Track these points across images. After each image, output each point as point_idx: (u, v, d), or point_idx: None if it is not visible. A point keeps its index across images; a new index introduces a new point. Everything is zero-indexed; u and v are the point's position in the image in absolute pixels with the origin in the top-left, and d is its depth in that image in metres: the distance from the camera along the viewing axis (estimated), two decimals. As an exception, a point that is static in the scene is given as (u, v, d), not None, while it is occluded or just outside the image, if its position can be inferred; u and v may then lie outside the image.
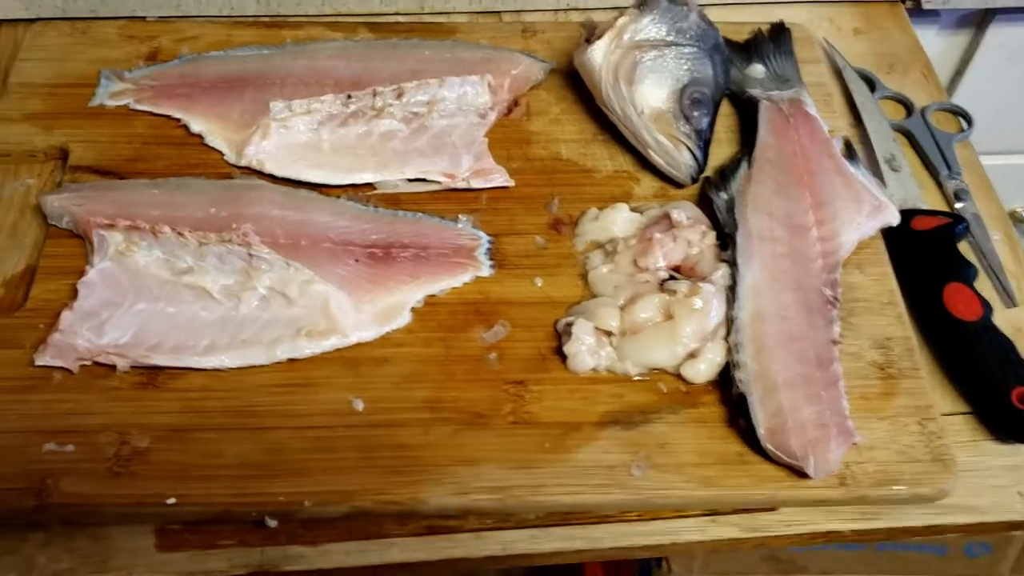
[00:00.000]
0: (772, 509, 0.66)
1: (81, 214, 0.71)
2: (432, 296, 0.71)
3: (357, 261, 0.71)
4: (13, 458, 0.63)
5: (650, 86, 0.77)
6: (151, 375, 0.67)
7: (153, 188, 0.74)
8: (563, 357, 0.68)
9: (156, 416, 0.65)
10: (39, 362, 0.65)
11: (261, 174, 0.77)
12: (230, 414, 0.65)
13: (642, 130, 0.77)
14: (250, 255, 0.69)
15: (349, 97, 0.80)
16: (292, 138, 0.78)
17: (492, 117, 0.81)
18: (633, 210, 0.75)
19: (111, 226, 0.70)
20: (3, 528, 0.63)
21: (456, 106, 0.80)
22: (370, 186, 0.77)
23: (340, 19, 0.92)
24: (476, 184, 0.77)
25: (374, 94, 0.80)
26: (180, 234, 0.70)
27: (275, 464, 0.63)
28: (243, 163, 0.77)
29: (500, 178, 0.77)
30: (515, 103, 0.83)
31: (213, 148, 0.79)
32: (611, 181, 0.79)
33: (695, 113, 0.76)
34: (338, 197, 0.76)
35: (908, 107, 0.88)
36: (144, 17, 0.91)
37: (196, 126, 0.80)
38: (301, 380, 0.67)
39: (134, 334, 0.67)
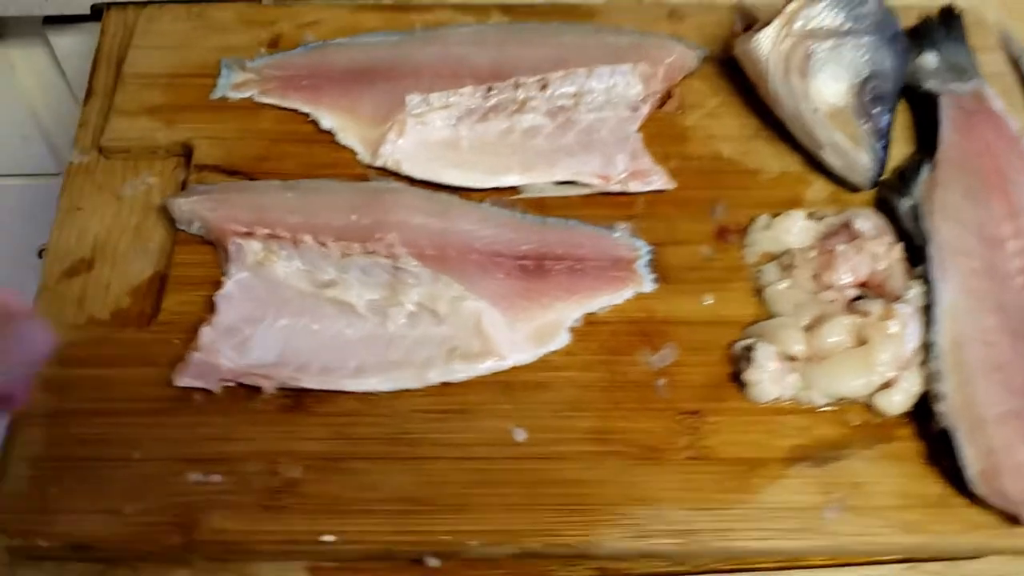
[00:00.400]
0: (976, 556, 0.60)
1: (216, 221, 0.66)
2: (591, 314, 0.66)
3: (508, 275, 0.66)
4: (157, 489, 0.59)
5: (826, 80, 0.70)
6: (297, 397, 0.62)
7: (287, 191, 0.69)
8: (741, 384, 0.62)
9: (306, 443, 0.60)
10: (179, 383, 0.61)
11: (397, 175, 0.72)
12: (383, 441, 0.61)
13: (817, 128, 0.70)
14: (396, 268, 0.64)
15: (490, 89, 0.73)
16: (429, 135, 0.73)
17: (644, 110, 0.74)
18: (809, 217, 0.69)
19: (249, 234, 0.65)
20: (143, 563, 0.59)
21: (605, 98, 0.74)
22: (514, 189, 0.71)
23: (471, 1, 0.85)
24: (633, 187, 0.71)
25: (516, 86, 0.74)
26: (322, 244, 0.65)
27: (436, 498, 0.59)
28: (378, 163, 0.72)
29: (660, 180, 0.71)
30: (668, 95, 0.76)
31: (345, 146, 0.74)
32: (778, 184, 0.72)
33: (876, 110, 0.70)
34: (480, 201, 0.70)
35: (1097, 99, 0.80)
36: (261, 0, 0.85)
37: (326, 122, 0.74)
38: (456, 406, 0.62)
39: (280, 353, 0.62)
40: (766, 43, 0.71)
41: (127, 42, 0.81)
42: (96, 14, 0.86)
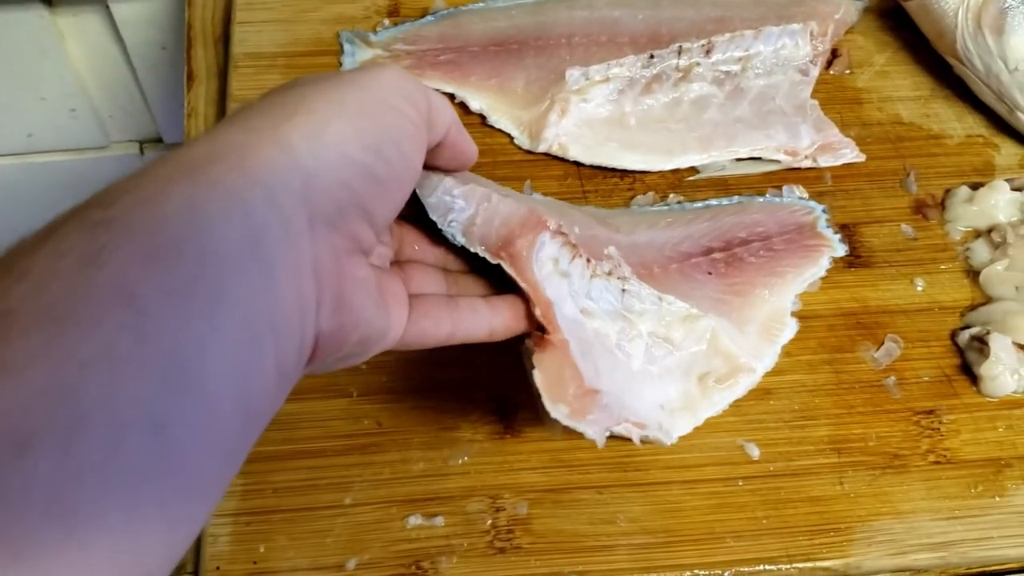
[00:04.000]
0: None
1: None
2: (802, 307, 0.61)
3: (710, 274, 0.60)
4: (377, 537, 0.54)
5: (1025, 37, 0.65)
6: (507, 422, 0.57)
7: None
8: (972, 377, 0.59)
9: (525, 474, 0.56)
10: (590, 432, 0.48)
11: (563, 161, 0.66)
12: (607, 467, 0.56)
13: (1013, 89, 0.65)
14: (623, 291, 0.54)
15: (651, 57, 0.67)
16: (593, 113, 0.67)
17: (815, 72, 0.69)
18: (1013, 188, 0.64)
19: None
20: (367, 615, 0.55)
21: (774, 61, 0.68)
22: (691, 170, 0.66)
23: (597, -50, 0.78)
24: (823, 162, 0.66)
25: (679, 52, 0.67)
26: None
27: (677, 529, 0.55)
28: (541, 148, 0.66)
29: (851, 153, 0.66)
30: (835, 53, 0.71)
31: (498, 130, 0.67)
32: (966, 149, 0.68)
33: (1078, 68, 0.65)
34: (632, 192, 0.65)
35: None
36: (361, -43, 0.77)
37: (474, 103, 0.67)
38: (680, 422, 0.58)
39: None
40: (953, -3, 0.66)
41: (225, 16, 0.73)
42: (169, -21, 0.77)
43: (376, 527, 0.54)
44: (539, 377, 0.46)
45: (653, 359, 0.55)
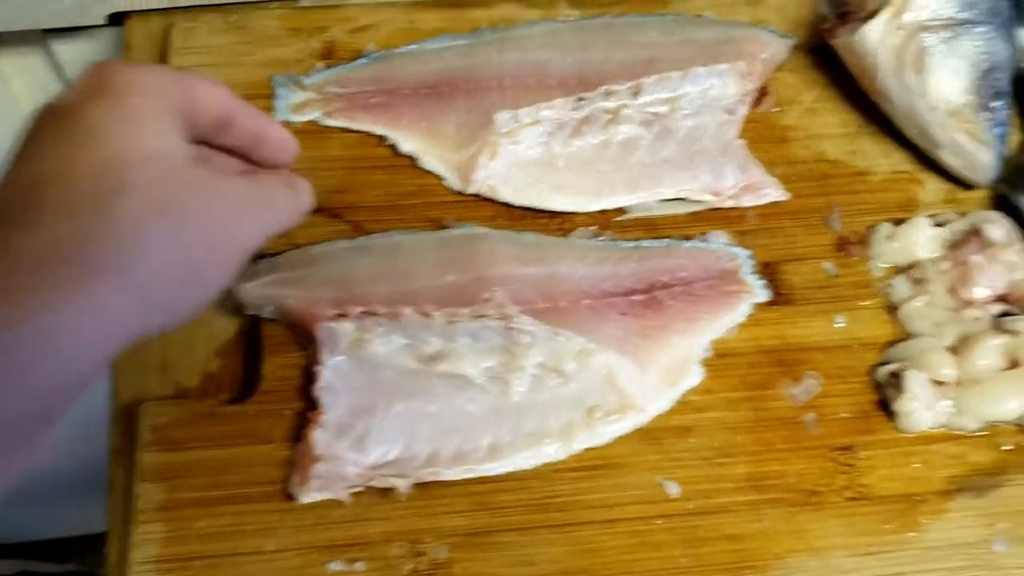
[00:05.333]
0: None
1: (298, 305, 0.60)
2: (722, 343, 0.62)
3: (624, 314, 0.62)
4: (298, 584, 0.54)
5: (945, 75, 0.66)
6: (430, 467, 0.58)
7: (363, 255, 0.62)
8: (888, 413, 0.60)
9: (447, 518, 0.57)
10: (304, 499, 0.56)
11: (493, 202, 0.67)
12: (529, 509, 0.57)
13: (935, 127, 0.66)
14: (508, 328, 0.59)
15: (580, 100, 0.68)
16: (522, 155, 0.68)
17: (742, 112, 0.70)
18: (933, 223, 0.66)
19: (342, 315, 0.59)
20: (291, 659, 0.56)
21: (701, 102, 0.69)
22: (619, 210, 0.67)
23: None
24: (747, 201, 0.67)
25: (607, 94, 0.68)
26: (425, 314, 0.59)
27: (595, 569, 0.56)
28: (471, 190, 0.67)
29: (774, 192, 0.67)
30: (762, 92, 0.72)
31: (429, 171, 0.68)
32: (891, 185, 0.69)
33: (996, 104, 0.66)
34: (565, 233, 0.66)
35: None
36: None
37: (406, 145, 0.68)
38: (600, 461, 0.59)
39: (404, 445, 0.57)
40: (874, 36, 0.67)
41: (159, 59, 0.73)
42: (113, 21, 0.78)
43: (297, 572, 0.55)
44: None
45: (541, 389, 0.58)
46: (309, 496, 0.56)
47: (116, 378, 0.62)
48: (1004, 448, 0.60)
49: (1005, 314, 0.62)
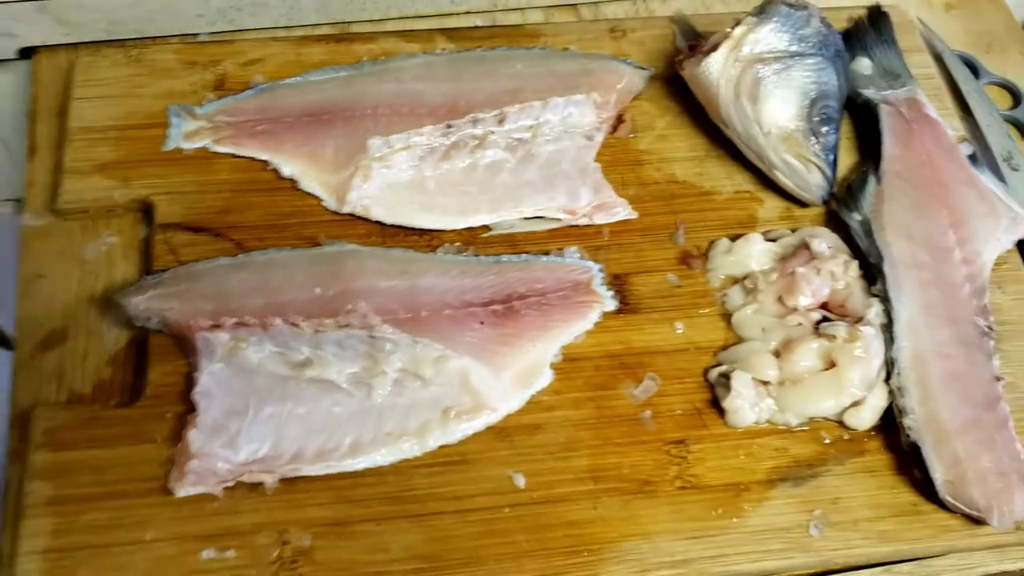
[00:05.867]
0: (942, 555, 0.65)
1: (177, 318, 0.65)
2: (571, 348, 0.68)
3: (482, 323, 0.67)
4: (174, 569, 0.60)
5: (777, 103, 0.73)
6: (297, 464, 0.63)
7: (241, 271, 0.68)
8: (719, 410, 0.66)
9: (312, 509, 0.62)
10: (180, 493, 0.61)
11: (367, 221, 0.73)
12: (387, 501, 0.63)
13: (769, 151, 0.73)
14: (372, 336, 0.65)
15: (449, 126, 0.74)
16: (394, 177, 0.73)
17: (599, 138, 0.76)
18: (767, 239, 0.72)
19: (216, 326, 0.65)
20: (166, 641, 0.61)
21: (561, 128, 0.76)
22: (484, 227, 0.73)
23: (410, 25, 0.85)
24: (599, 220, 0.73)
25: (474, 121, 0.74)
26: (293, 324, 0.65)
27: (444, 555, 0.61)
28: (346, 210, 0.72)
29: (624, 211, 0.73)
30: (619, 119, 0.78)
31: (309, 193, 0.74)
32: (733, 204, 0.76)
33: (824, 129, 0.73)
34: (433, 250, 0.72)
35: (1015, 94, 0.85)
36: (197, 35, 0.84)
37: (287, 169, 0.74)
38: (455, 457, 0.64)
39: (272, 444, 0.62)
40: (715, 68, 0.74)
41: (65, 91, 0.79)
42: (24, 55, 0.83)
43: (173, 560, 0.60)
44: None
45: (402, 392, 0.64)
46: (184, 490, 0.61)
47: (14, 387, 0.66)
48: (825, 442, 0.66)
49: (825, 320, 0.68)
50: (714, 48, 0.74)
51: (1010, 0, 0.91)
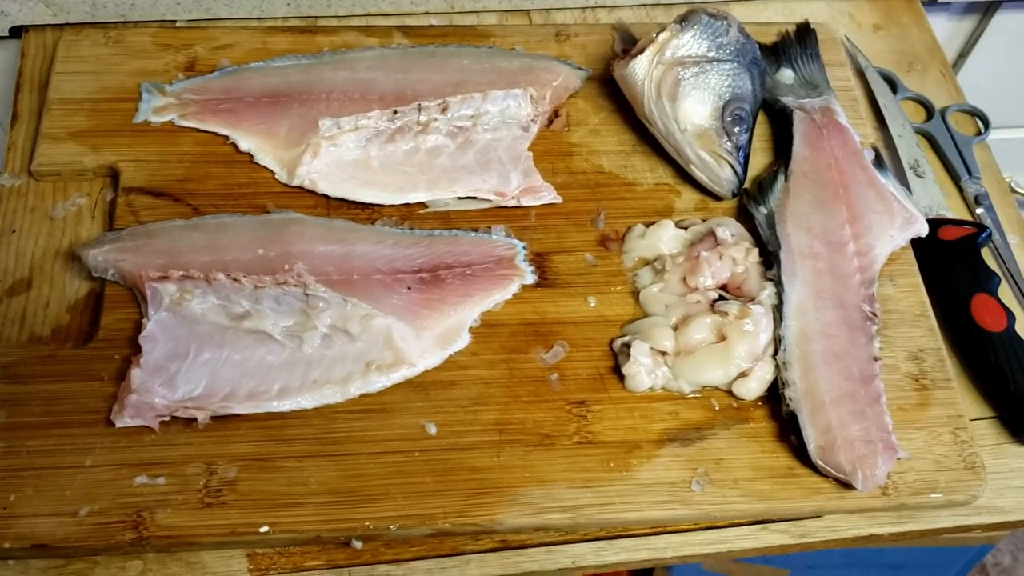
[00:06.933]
0: (818, 516, 0.71)
1: (130, 269, 0.72)
2: (490, 315, 0.74)
3: (409, 289, 0.73)
4: (108, 491, 0.66)
5: (693, 103, 0.79)
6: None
7: (193, 231, 0.75)
8: (620, 376, 0.72)
9: (239, 446, 0.68)
10: (119, 424, 0.67)
11: (314, 194, 0.79)
12: (309, 441, 0.69)
13: (685, 147, 0.79)
14: (306, 295, 0.71)
15: (395, 112, 0.81)
16: (341, 156, 0.80)
17: (534, 129, 0.83)
18: (678, 226, 0.78)
19: (164, 277, 0.71)
20: (100, 557, 0.66)
21: (500, 119, 0.82)
22: (421, 204, 0.79)
23: (372, 22, 0.92)
24: (526, 202, 0.79)
25: (419, 108, 0.81)
26: (234, 279, 0.71)
27: (358, 490, 0.67)
28: (295, 183, 0.79)
29: (549, 195, 0.79)
30: (555, 114, 0.85)
31: (263, 166, 0.80)
32: (653, 194, 0.82)
33: (736, 129, 0.79)
34: (372, 222, 0.78)
35: (929, 109, 0.91)
36: (174, 22, 0.91)
37: (244, 144, 0.81)
38: (374, 406, 0.70)
39: (206, 385, 0.68)
40: (640, 69, 0.80)
41: (49, 66, 0.86)
42: (14, 33, 0.91)
43: (108, 484, 0.66)
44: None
45: (330, 345, 0.70)
46: (123, 422, 0.67)
47: (-20, 328, 0.73)
48: (715, 409, 0.72)
49: (722, 299, 0.74)
50: (641, 52, 0.81)
51: (933, 23, 0.98)
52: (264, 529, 0.65)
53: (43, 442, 0.67)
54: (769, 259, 0.76)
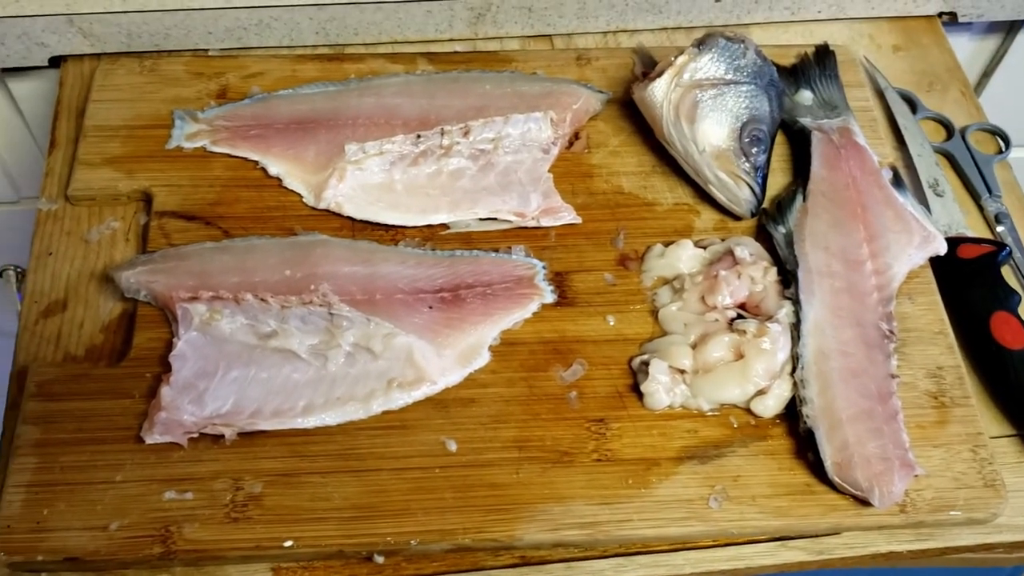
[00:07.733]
0: (836, 533, 0.71)
1: (161, 290, 0.74)
2: (509, 334, 0.76)
3: (431, 308, 0.75)
4: (138, 506, 0.68)
5: (711, 125, 0.80)
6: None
7: (223, 253, 0.77)
8: (639, 394, 0.73)
9: (265, 462, 0.70)
10: (149, 440, 0.69)
11: (340, 216, 0.81)
12: (333, 457, 0.70)
13: (703, 167, 0.80)
14: (331, 314, 0.73)
15: (419, 137, 0.83)
16: (367, 179, 0.82)
17: (555, 152, 0.84)
18: (697, 246, 0.79)
19: (194, 298, 0.73)
20: (130, 570, 0.68)
21: (520, 142, 0.84)
22: (444, 226, 0.81)
23: (398, 49, 0.94)
24: (545, 223, 0.81)
25: (442, 133, 0.83)
26: (263, 300, 0.73)
27: (380, 505, 0.68)
28: (322, 206, 0.81)
29: (568, 216, 0.81)
30: (576, 136, 0.86)
31: (291, 190, 0.83)
32: (672, 214, 0.83)
33: (754, 150, 0.80)
34: (396, 243, 0.80)
35: (948, 128, 0.92)
36: (207, 51, 0.94)
37: (273, 169, 0.83)
38: (396, 423, 0.72)
39: (234, 402, 0.70)
40: (659, 91, 0.82)
41: (85, 94, 0.89)
42: (53, 63, 0.94)
43: (138, 499, 0.68)
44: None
45: (354, 363, 0.71)
46: (153, 438, 0.69)
47: (17, 348, 0.76)
48: (733, 426, 0.72)
49: (739, 317, 0.75)
50: (660, 74, 0.82)
51: (954, 43, 0.98)
52: (288, 544, 0.67)
53: (76, 458, 0.69)
54: (787, 278, 0.77)
